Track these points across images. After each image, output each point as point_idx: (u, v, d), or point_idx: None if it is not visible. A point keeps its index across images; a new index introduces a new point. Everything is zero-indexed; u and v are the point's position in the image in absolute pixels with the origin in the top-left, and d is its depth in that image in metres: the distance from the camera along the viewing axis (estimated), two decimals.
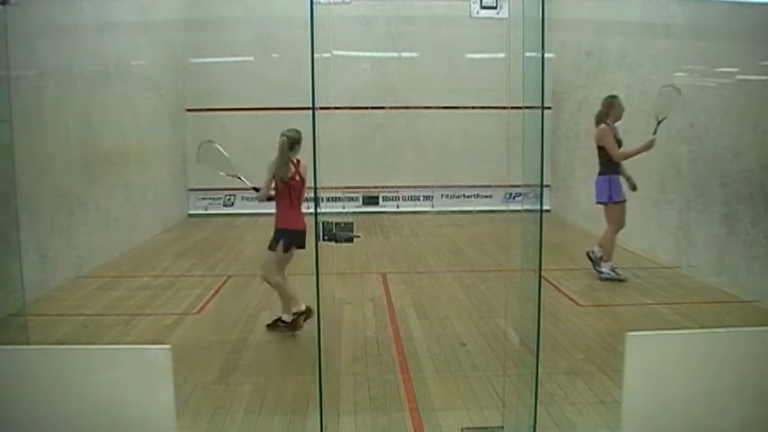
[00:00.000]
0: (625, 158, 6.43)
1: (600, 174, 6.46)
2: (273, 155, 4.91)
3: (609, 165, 6.39)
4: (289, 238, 4.88)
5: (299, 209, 4.94)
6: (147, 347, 2.77)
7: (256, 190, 4.97)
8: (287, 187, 4.86)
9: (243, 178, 5.16)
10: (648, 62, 7.85)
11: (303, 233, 4.86)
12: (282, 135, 4.86)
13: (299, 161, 4.89)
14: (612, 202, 6.40)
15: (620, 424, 2.81)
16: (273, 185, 4.88)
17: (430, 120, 11.12)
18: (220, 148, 5.39)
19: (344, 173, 9.58)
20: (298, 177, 4.87)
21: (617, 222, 6.48)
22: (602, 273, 6.46)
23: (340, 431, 3.46)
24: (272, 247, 4.92)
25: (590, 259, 6.60)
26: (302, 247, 4.85)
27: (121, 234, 8.11)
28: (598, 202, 6.52)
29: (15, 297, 4.53)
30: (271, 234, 5.00)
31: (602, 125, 6.43)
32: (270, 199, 4.93)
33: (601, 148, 6.42)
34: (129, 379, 2.66)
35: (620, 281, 6.39)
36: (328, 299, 5.67)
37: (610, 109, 6.45)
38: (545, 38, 2.89)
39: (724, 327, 4.18)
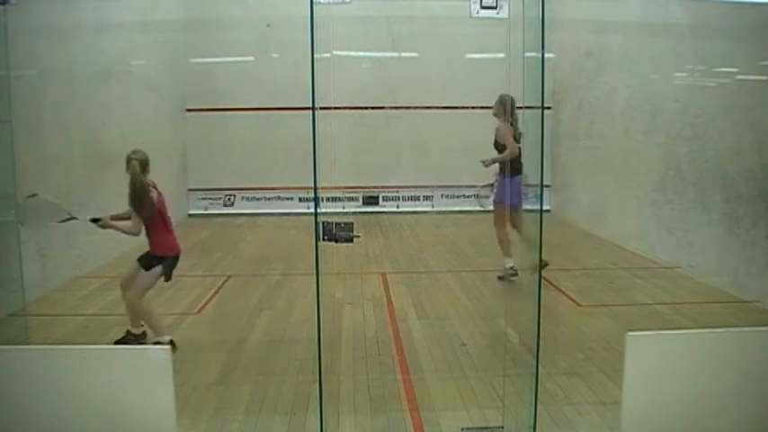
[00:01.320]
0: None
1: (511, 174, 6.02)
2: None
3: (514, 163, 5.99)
4: (171, 264, 4.71)
5: (173, 230, 4.82)
6: (147, 347, 2.76)
7: (95, 221, 4.75)
8: (158, 213, 4.67)
9: (77, 217, 4.92)
10: (648, 62, 7.85)
11: (178, 257, 4.72)
12: (131, 159, 4.61)
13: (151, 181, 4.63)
14: (501, 201, 6.28)
15: (620, 424, 2.80)
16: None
17: (430, 120, 11.12)
18: (47, 198, 4.92)
19: (344, 173, 9.58)
20: (160, 197, 4.67)
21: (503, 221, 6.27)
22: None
23: (340, 431, 3.46)
24: (147, 267, 4.67)
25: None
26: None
27: (121, 234, 8.08)
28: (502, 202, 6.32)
29: (15, 297, 4.52)
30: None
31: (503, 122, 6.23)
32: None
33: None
34: (129, 379, 2.66)
35: (514, 274, 6.17)
36: (328, 299, 5.67)
37: (500, 106, 6.23)
38: (545, 38, 2.89)
39: (724, 327, 4.18)
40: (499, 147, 6.31)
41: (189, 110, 11.09)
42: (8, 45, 3.67)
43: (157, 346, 2.72)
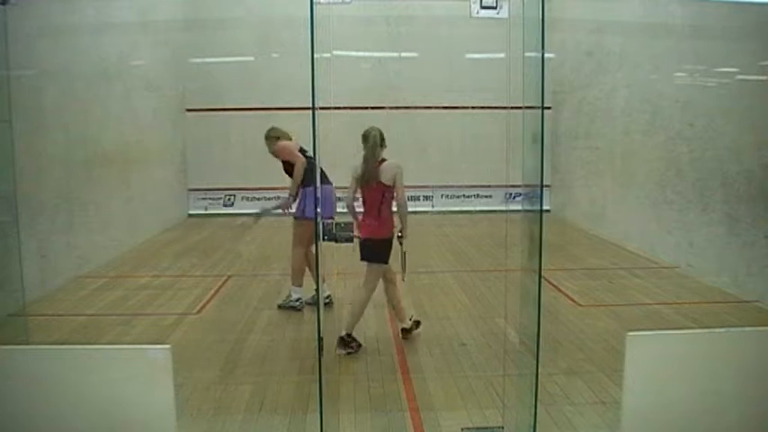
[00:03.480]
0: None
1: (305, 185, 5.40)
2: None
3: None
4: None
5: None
6: (147, 347, 2.76)
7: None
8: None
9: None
10: (648, 62, 7.85)
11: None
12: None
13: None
14: (305, 217, 5.35)
15: (620, 424, 2.80)
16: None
17: (430, 120, 11.12)
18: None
19: (344, 173, 9.57)
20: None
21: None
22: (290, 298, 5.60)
23: (340, 431, 3.46)
24: (386, 261, 4.49)
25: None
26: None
27: (121, 234, 8.10)
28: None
29: (15, 297, 4.52)
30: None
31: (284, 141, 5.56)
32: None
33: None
34: (129, 379, 2.66)
35: (296, 309, 5.52)
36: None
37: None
38: (545, 38, 2.89)
39: (724, 327, 4.19)
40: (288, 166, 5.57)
41: (189, 110, 11.09)
42: (8, 45, 3.66)
43: (157, 346, 2.71)
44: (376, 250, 4.42)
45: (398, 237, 4.45)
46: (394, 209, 4.52)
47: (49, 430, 2.67)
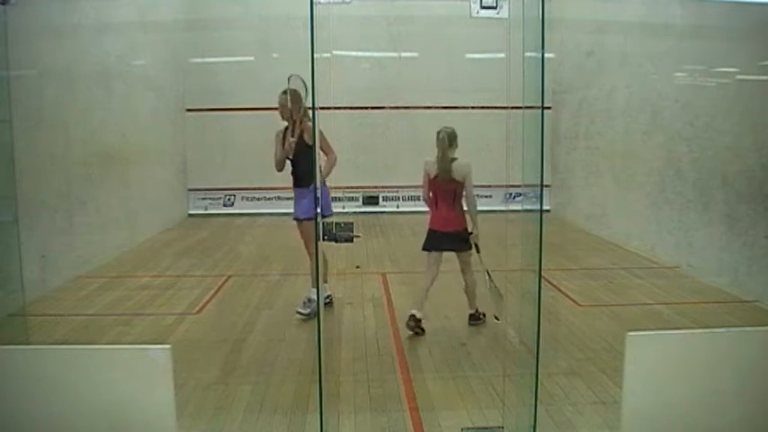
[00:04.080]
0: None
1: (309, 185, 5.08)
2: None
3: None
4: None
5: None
6: (147, 347, 2.76)
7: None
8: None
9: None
10: (648, 62, 7.85)
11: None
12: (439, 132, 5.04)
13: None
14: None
15: (620, 424, 2.80)
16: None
17: (430, 120, 11.10)
18: None
19: (344, 173, 9.57)
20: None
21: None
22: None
23: (340, 431, 3.46)
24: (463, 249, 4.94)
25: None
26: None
27: (121, 234, 8.10)
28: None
29: (15, 297, 4.52)
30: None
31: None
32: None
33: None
34: (129, 379, 2.66)
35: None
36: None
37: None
38: (545, 38, 2.89)
39: (724, 327, 4.18)
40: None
41: (189, 110, 11.09)
42: (8, 45, 3.66)
43: (158, 346, 2.71)
44: (448, 241, 4.88)
45: (470, 232, 4.95)
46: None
47: (48, 430, 2.67)
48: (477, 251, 4.98)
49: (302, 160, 5.16)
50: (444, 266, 5.23)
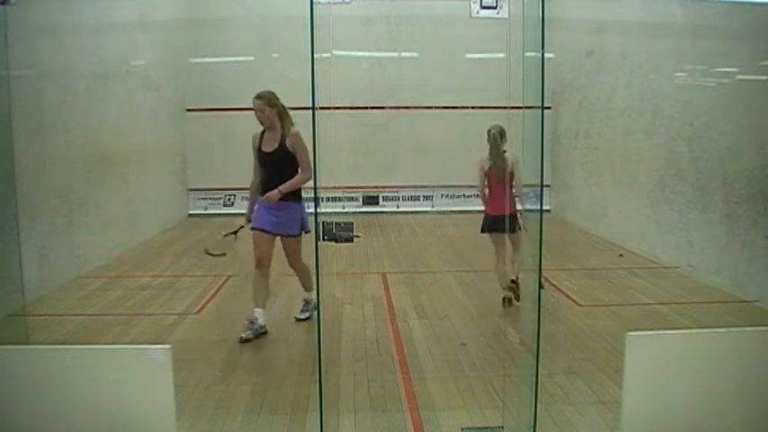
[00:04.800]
0: None
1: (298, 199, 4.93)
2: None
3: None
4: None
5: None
6: (147, 347, 2.76)
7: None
8: None
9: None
10: (648, 62, 7.85)
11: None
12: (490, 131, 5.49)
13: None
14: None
15: (620, 424, 2.80)
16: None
17: (430, 120, 11.12)
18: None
19: (344, 173, 9.58)
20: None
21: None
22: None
23: (340, 431, 3.46)
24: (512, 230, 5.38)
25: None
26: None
27: (121, 234, 8.10)
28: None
29: (15, 297, 4.52)
30: None
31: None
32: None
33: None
34: (129, 379, 2.66)
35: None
36: (328, 299, 5.67)
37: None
38: (545, 38, 2.89)
39: (724, 327, 4.18)
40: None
41: (189, 110, 11.08)
42: (8, 45, 3.67)
43: (157, 346, 2.71)
44: (502, 222, 5.36)
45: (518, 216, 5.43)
46: None
47: (49, 430, 2.67)
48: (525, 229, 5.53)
49: (285, 169, 4.81)
50: (444, 266, 5.22)
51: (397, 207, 11.56)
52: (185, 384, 3.91)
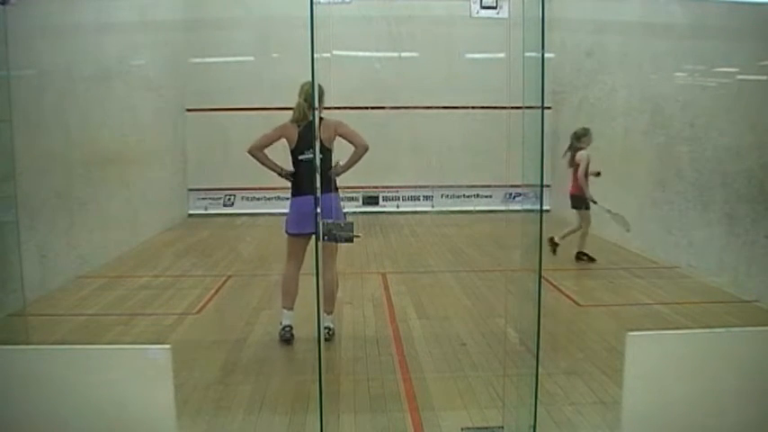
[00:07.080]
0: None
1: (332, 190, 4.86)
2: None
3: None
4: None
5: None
6: (147, 347, 2.76)
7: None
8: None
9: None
10: (648, 62, 7.84)
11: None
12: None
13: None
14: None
15: (620, 424, 2.80)
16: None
17: (430, 120, 11.11)
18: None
19: (344, 173, 9.56)
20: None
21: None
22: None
23: (340, 431, 3.46)
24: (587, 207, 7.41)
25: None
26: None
27: (121, 234, 8.10)
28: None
29: (15, 297, 4.53)
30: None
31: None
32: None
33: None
34: (129, 379, 2.66)
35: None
36: None
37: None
38: (545, 38, 2.89)
39: (724, 327, 4.18)
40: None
41: (189, 110, 11.09)
42: (8, 45, 3.67)
43: (157, 346, 2.71)
44: (573, 200, 7.52)
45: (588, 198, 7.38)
46: None
47: (48, 430, 2.67)
48: (594, 202, 7.42)
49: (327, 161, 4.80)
50: (444, 266, 5.22)
51: (397, 207, 11.57)
52: (185, 384, 3.91)
